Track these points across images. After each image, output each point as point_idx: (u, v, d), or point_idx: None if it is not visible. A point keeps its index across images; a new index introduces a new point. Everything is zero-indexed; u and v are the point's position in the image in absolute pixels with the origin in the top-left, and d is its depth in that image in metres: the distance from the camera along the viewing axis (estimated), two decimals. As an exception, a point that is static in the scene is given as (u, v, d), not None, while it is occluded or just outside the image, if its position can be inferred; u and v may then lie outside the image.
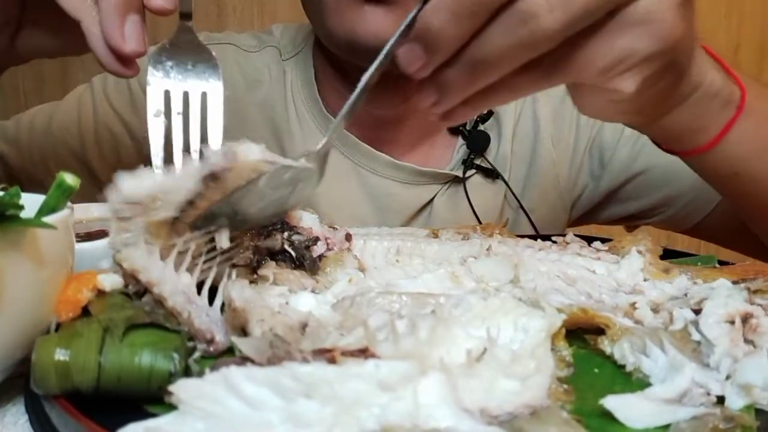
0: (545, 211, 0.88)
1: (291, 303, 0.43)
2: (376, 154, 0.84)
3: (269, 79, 0.87)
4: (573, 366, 0.40)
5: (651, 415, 0.35)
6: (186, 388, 0.31)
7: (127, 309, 0.39)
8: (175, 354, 0.36)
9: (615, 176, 0.88)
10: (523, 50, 0.38)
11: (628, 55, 0.39)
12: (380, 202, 0.85)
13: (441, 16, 0.37)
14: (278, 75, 0.88)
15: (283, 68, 0.88)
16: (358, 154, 0.85)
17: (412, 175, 0.85)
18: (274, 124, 0.86)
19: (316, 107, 0.86)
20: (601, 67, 0.40)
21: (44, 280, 0.39)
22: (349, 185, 0.85)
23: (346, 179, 0.85)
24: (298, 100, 0.87)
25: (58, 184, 0.42)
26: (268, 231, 0.54)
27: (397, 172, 0.85)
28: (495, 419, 0.33)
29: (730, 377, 0.38)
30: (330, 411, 0.30)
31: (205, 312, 0.39)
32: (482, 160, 0.86)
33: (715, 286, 0.49)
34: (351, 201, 0.85)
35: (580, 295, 0.51)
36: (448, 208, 0.86)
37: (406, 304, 0.42)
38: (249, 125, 0.87)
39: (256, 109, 0.87)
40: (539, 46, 0.38)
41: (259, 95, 0.87)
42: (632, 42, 0.39)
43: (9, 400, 0.41)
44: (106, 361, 0.35)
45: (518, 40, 0.37)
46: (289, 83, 0.87)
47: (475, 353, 0.36)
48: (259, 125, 0.87)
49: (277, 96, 0.87)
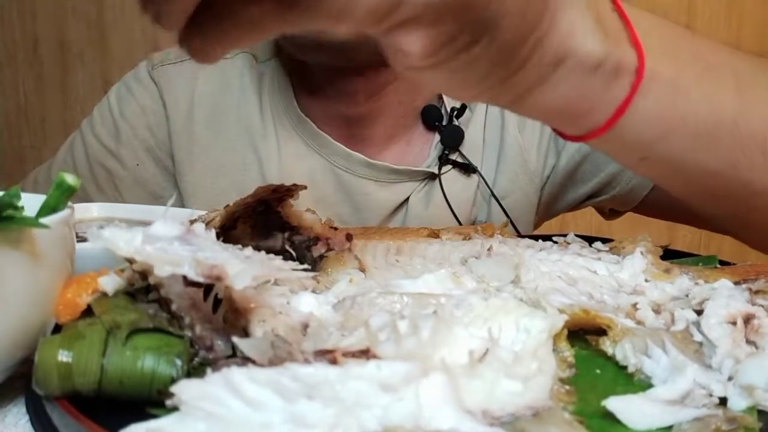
0: (517, 196, 0.87)
1: (292, 303, 0.43)
2: (351, 153, 0.85)
3: (242, 84, 0.89)
4: (575, 367, 0.40)
5: (653, 416, 0.35)
6: (187, 389, 0.31)
7: (131, 312, 0.38)
8: (178, 359, 0.36)
9: (570, 156, 0.88)
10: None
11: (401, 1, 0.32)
12: (356, 201, 0.86)
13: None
14: (252, 79, 0.89)
15: (260, 72, 0.89)
16: (333, 153, 0.85)
17: (387, 174, 0.85)
18: (249, 129, 0.87)
19: (291, 109, 0.87)
20: (367, 8, 0.32)
21: (44, 280, 0.39)
22: (325, 185, 0.86)
23: (323, 180, 0.85)
24: (276, 103, 0.87)
25: (58, 184, 0.42)
26: (269, 231, 0.54)
27: (372, 171, 0.85)
28: (497, 420, 0.33)
29: (732, 378, 0.38)
30: (331, 412, 0.30)
31: (208, 318, 0.39)
32: (458, 155, 0.86)
33: (717, 287, 0.49)
34: (329, 201, 0.86)
35: (582, 295, 0.51)
36: (422, 205, 0.86)
37: (408, 305, 0.42)
38: (226, 132, 0.88)
39: (233, 116, 0.88)
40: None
41: (232, 101, 0.88)
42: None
43: (10, 401, 0.41)
44: (108, 364, 0.35)
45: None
46: (265, 87, 0.88)
47: (477, 354, 0.36)
48: (236, 131, 0.88)
49: (251, 100, 0.88)
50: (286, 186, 0.54)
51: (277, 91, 0.88)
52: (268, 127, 0.87)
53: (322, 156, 0.85)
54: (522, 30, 0.36)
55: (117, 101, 0.92)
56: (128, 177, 0.91)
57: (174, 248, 0.39)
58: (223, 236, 0.51)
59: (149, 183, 0.92)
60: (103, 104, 0.93)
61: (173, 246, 0.39)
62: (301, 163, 0.86)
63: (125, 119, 0.91)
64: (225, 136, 0.88)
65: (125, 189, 0.92)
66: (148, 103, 0.90)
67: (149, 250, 0.38)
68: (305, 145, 0.86)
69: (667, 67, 0.42)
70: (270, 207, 0.56)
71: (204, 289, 0.39)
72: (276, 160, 0.86)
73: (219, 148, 0.88)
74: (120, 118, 0.90)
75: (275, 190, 0.54)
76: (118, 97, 0.92)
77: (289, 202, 0.56)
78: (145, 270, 0.38)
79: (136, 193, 0.92)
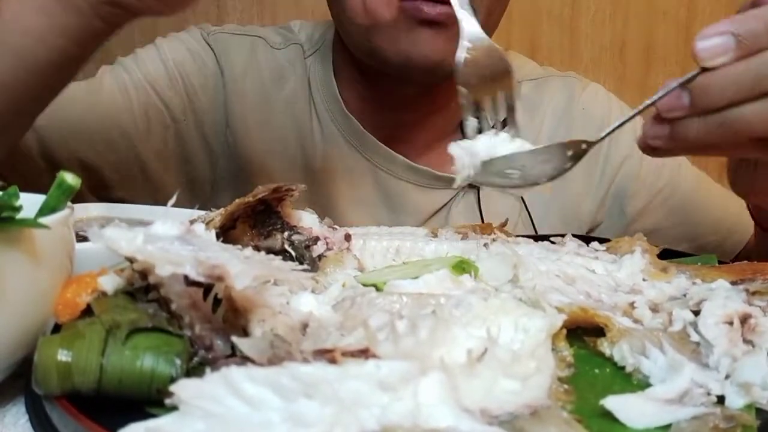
0: (559, 230, 0.88)
1: (292, 303, 0.43)
2: (394, 156, 0.85)
3: (294, 76, 0.88)
4: (573, 366, 0.40)
5: (651, 415, 0.35)
6: (186, 388, 0.31)
7: (130, 311, 0.38)
8: (177, 359, 0.36)
9: (626, 225, 0.89)
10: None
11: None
12: (395, 204, 0.86)
13: (725, 82, 0.44)
14: (302, 72, 0.88)
15: (306, 65, 0.88)
16: (375, 154, 0.85)
17: (428, 179, 0.85)
18: (297, 120, 0.87)
19: (336, 106, 0.86)
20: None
21: (44, 280, 0.39)
22: (366, 185, 0.85)
23: (363, 179, 0.85)
24: (318, 99, 0.87)
25: (58, 184, 0.42)
26: (268, 231, 0.54)
27: (413, 175, 0.85)
28: (495, 419, 0.33)
29: (729, 377, 0.38)
30: (330, 411, 0.30)
31: (207, 317, 0.39)
32: None
33: (714, 287, 0.49)
34: (368, 201, 0.85)
35: (579, 294, 0.51)
36: (464, 215, 0.86)
37: (407, 305, 0.42)
38: (274, 121, 0.87)
39: (282, 105, 0.87)
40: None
41: (284, 92, 0.87)
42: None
43: (10, 400, 0.41)
44: (107, 363, 0.35)
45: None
46: (311, 81, 0.87)
47: (476, 353, 0.36)
48: (284, 121, 0.87)
49: (300, 93, 0.87)
50: (286, 186, 0.54)
51: (320, 87, 0.87)
52: (314, 120, 0.86)
53: (364, 156, 0.85)
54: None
55: (170, 52, 0.85)
56: (173, 129, 0.85)
57: (175, 248, 0.39)
58: (223, 236, 0.51)
59: (185, 140, 0.86)
60: (151, 50, 0.86)
61: (174, 246, 0.39)
62: (342, 162, 0.86)
63: (179, 70, 0.85)
64: (276, 119, 0.86)
65: (169, 141, 0.85)
66: (206, 61, 0.86)
67: (150, 249, 0.38)
68: (347, 143, 0.86)
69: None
70: (270, 207, 0.56)
71: (204, 288, 0.39)
72: (320, 156, 0.86)
73: (269, 130, 0.86)
74: (173, 68, 0.85)
75: (275, 190, 0.54)
76: (172, 48, 0.86)
77: (288, 202, 0.56)
78: (146, 269, 0.38)
79: (174, 150, 0.86)
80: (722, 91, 0.44)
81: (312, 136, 0.86)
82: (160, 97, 0.85)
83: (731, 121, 0.45)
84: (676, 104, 0.46)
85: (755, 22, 0.44)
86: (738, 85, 0.44)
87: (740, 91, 0.44)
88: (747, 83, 0.44)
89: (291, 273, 0.43)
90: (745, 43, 0.43)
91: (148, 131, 0.84)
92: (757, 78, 0.44)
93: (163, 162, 0.86)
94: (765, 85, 0.44)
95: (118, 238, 0.38)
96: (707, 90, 0.44)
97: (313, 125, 0.86)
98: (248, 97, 0.86)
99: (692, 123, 0.46)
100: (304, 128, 0.86)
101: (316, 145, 0.86)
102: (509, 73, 0.56)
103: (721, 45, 0.43)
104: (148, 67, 0.84)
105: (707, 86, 0.44)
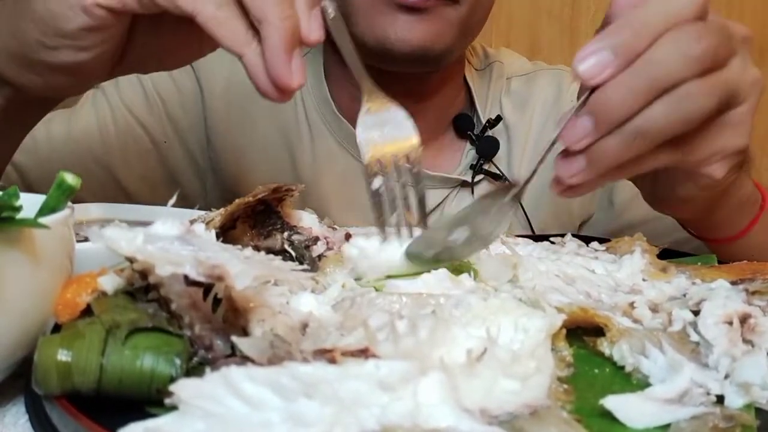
0: (555, 231, 0.88)
1: (291, 303, 0.43)
2: None
3: None
4: (573, 366, 0.40)
5: (651, 414, 0.35)
6: (186, 388, 0.31)
7: (130, 311, 0.38)
8: (177, 358, 0.36)
9: (616, 216, 0.89)
10: (680, 125, 0.44)
11: (726, 145, 0.48)
12: None
13: (620, 91, 0.43)
14: None
15: None
16: None
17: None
18: (282, 126, 0.86)
19: (326, 108, 0.85)
20: (712, 150, 0.48)
21: (44, 280, 0.39)
22: (358, 187, 0.85)
23: (355, 181, 0.85)
24: (309, 102, 0.86)
25: (58, 184, 0.42)
26: (268, 231, 0.54)
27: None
28: (495, 419, 0.33)
29: (729, 376, 0.38)
30: (330, 411, 0.30)
31: (207, 317, 0.39)
32: (491, 165, 0.86)
33: (714, 287, 0.49)
34: (361, 203, 0.85)
35: (579, 294, 0.51)
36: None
37: (406, 305, 0.43)
38: (258, 130, 0.87)
39: (265, 112, 0.87)
40: (693, 123, 0.45)
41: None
42: (732, 136, 0.48)
43: (9, 400, 0.41)
44: (107, 363, 0.35)
45: (680, 116, 0.44)
46: None
47: (476, 353, 0.36)
48: (268, 128, 0.87)
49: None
50: (285, 186, 0.54)
51: (310, 89, 0.87)
52: (302, 123, 0.86)
53: (355, 157, 0.85)
54: (745, 168, 0.57)
55: (149, 74, 0.86)
56: (154, 152, 0.87)
57: (175, 248, 0.39)
58: (223, 236, 0.51)
59: (170, 160, 0.88)
60: (131, 75, 0.87)
61: (174, 246, 0.39)
62: (334, 164, 0.85)
63: (158, 93, 0.87)
64: (259, 128, 0.86)
65: (150, 164, 0.87)
66: (185, 82, 0.87)
67: (150, 249, 0.38)
68: (338, 144, 0.86)
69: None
70: (270, 207, 0.56)
71: (204, 288, 0.39)
72: (309, 160, 0.85)
73: (253, 141, 0.86)
74: (152, 90, 0.86)
75: (275, 190, 0.54)
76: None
77: (288, 202, 0.56)
78: (146, 269, 0.38)
79: (158, 172, 0.88)
80: (623, 101, 0.43)
81: (300, 139, 0.86)
82: (139, 122, 0.86)
83: (645, 129, 0.44)
84: (581, 131, 0.44)
85: (621, 32, 0.43)
86: (634, 91, 0.43)
87: (639, 96, 0.43)
88: (642, 86, 0.43)
89: (291, 273, 0.43)
90: (621, 50, 0.43)
91: (126, 158, 0.86)
92: (648, 79, 0.43)
93: (149, 185, 0.88)
94: (659, 84, 0.43)
95: (118, 238, 0.38)
96: (607, 103, 0.43)
97: (300, 129, 0.86)
98: (229, 111, 0.87)
99: (608, 142, 0.44)
100: (291, 133, 0.86)
101: (305, 148, 0.86)
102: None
103: (601, 60, 0.43)
104: (127, 91, 0.86)
105: (606, 100, 0.43)
